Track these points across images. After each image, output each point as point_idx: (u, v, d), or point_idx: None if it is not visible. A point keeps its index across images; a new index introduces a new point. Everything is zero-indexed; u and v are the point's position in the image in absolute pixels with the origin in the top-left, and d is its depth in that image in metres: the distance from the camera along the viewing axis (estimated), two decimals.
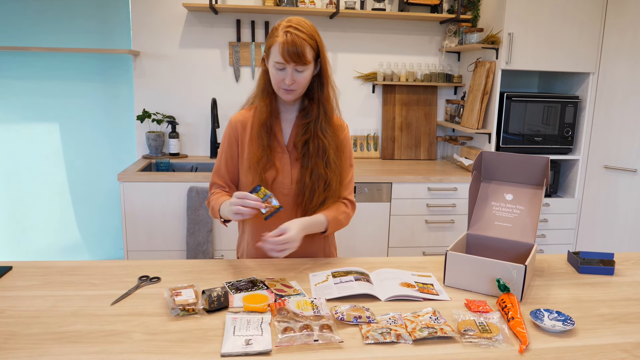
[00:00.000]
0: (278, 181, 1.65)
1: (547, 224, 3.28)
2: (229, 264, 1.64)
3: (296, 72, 1.56)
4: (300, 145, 1.64)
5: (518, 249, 1.57)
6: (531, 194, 1.62)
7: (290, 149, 1.67)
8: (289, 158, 1.67)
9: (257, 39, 3.47)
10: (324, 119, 1.63)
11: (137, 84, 3.43)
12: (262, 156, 1.62)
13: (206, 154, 3.56)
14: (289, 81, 1.56)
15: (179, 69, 3.45)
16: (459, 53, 3.68)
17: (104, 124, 3.53)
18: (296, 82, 1.57)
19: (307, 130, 1.63)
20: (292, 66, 1.54)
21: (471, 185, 1.65)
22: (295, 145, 1.66)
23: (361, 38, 3.57)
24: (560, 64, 3.13)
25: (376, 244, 3.13)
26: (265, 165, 1.63)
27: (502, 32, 3.04)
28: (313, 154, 1.62)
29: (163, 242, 2.97)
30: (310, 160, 1.63)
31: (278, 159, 1.65)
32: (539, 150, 3.25)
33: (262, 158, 1.62)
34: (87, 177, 3.58)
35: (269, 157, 1.63)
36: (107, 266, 1.58)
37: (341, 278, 1.48)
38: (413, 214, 3.14)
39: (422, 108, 3.69)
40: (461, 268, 1.45)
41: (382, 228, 3.12)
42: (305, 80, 1.58)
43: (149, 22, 3.38)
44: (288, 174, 1.66)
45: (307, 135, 1.63)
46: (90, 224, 3.65)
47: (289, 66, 1.54)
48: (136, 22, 3.37)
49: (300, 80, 1.57)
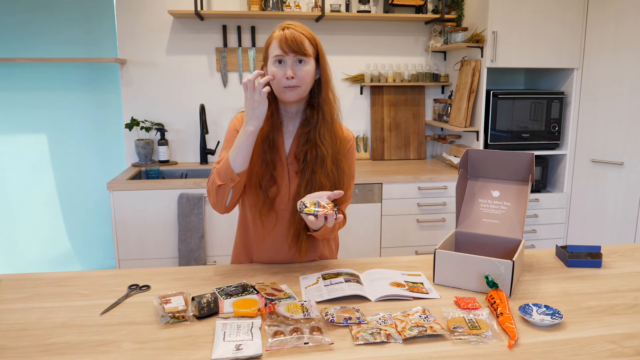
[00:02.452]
0: (278, 196, 1.62)
1: (538, 219, 3.29)
2: (220, 269, 1.63)
3: (297, 64, 1.51)
4: (301, 157, 1.59)
5: (506, 245, 1.58)
6: (517, 190, 1.63)
7: (289, 161, 1.62)
8: (287, 172, 1.62)
9: (243, 44, 3.47)
10: (322, 125, 1.58)
11: (125, 92, 3.42)
12: (265, 173, 1.58)
13: (196, 160, 3.55)
14: (290, 73, 1.49)
15: (166, 76, 3.45)
16: (445, 52, 3.69)
17: (92, 133, 3.51)
18: (297, 76, 1.51)
19: (307, 139, 1.59)
20: (292, 57, 1.50)
21: (458, 184, 1.66)
22: (297, 157, 1.60)
23: (348, 40, 3.58)
24: (544, 61, 3.16)
25: (368, 244, 3.14)
26: (269, 182, 1.58)
27: (486, 31, 3.06)
28: (311, 163, 1.57)
29: (155, 250, 2.95)
30: (307, 171, 1.58)
31: (279, 173, 1.61)
32: (526, 146, 3.27)
33: (265, 175, 1.58)
34: (76, 187, 3.56)
35: (272, 173, 1.59)
36: (97, 276, 1.57)
37: (331, 280, 1.48)
38: (404, 213, 3.14)
39: (410, 108, 3.70)
40: (450, 266, 1.46)
41: (374, 228, 3.13)
42: (307, 76, 1.53)
43: (135, 30, 3.37)
44: (287, 188, 1.62)
45: (308, 145, 1.58)
46: (81, 234, 3.63)
47: (289, 58, 1.50)
48: (122, 31, 3.36)
49: (302, 75, 1.51)
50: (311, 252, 1.71)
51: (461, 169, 1.68)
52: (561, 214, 3.32)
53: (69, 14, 3.34)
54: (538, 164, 3.35)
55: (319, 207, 1.39)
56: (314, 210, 1.39)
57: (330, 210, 1.39)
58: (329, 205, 1.40)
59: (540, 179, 3.38)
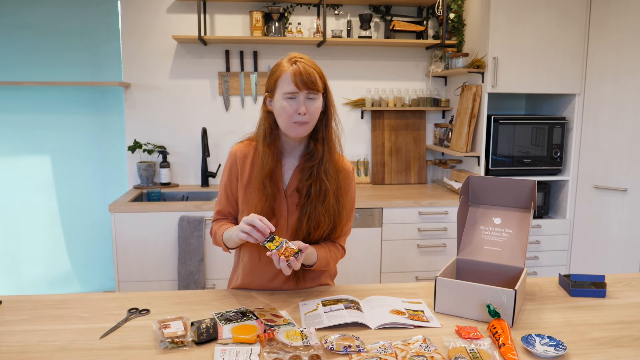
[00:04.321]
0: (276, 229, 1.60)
1: (540, 245, 3.28)
2: (219, 294, 1.63)
3: (308, 100, 1.52)
4: (304, 192, 1.58)
5: (508, 273, 1.57)
6: (519, 217, 1.62)
7: (288, 194, 1.62)
8: (286, 204, 1.61)
9: (245, 68, 3.51)
10: (327, 160, 1.58)
11: (128, 115, 3.45)
12: (264, 207, 1.57)
13: (197, 183, 3.56)
14: (303, 110, 1.49)
15: (169, 100, 3.47)
16: (446, 77, 3.72)
17: (95, 155, 3.53)
18: (309, 112, 1.52)
19: (311, 174, 1.58)
20: (304, 94, 1.50)
21: (459, 210, 1.65)
22: (299, 191, 1.59)
23: (349, 65, 3.62)
24: (545, 86, 3.18)
25: (368, 269, 3.12)
26: (268, 214, 1.58)
27: (487, 57, 3.09)
28: (313, 198, 1.57)
29: (154, 272, 2.94)
30: (309, 205, 1.57)
31: (277, 205, 1.60)
32: (528, 171, 3.27)
33: (265, 206, 1.57)
34: (78, 208, 3.56)
35: (271, 205, 1.58)
36: (97, 299, 1.57)
37: (331, 306, 1.47)
38: (405, 238, 3.13)
39: (411, 132, 3.72)
40: (451, 294, 1.45)
41: (374, 253, 3.11)
42: (317, 112, 1.54)
43: (139, 54, 3.41)
44: (285, 220, 1.61)
45: (311, 180, 1.57)
46: (82, 255, 3.62)
47: (302, 94, 1.50)
48: (127, 55, 3.40)
49: (313, 111, 1.52)
50: (309, 281, 1.70)
51: (462, 195, 1.67)
52: (564, 241, 3.31)
53: (75, 38, 3.39)
54: (540, 189, 3.34)
55: (283, 248, 1.42)
56: (273, 247, 1.42)
57: (288, 257, 1.40)
58: (291, 250, 1.42)
59: (543, 205, 3.37)
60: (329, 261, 1.64)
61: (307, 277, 1.68)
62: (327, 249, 1.64)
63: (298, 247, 1.44)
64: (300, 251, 1.44)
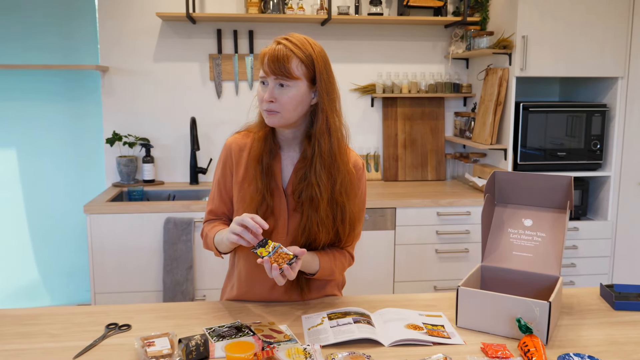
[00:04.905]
0: (275, 231, 1.60)
1: (577, 251, 3.27)
2: (211, 306, 1.63)
3: (279, 87, 1.50)
4: (297, 195, 1.58)
5: (541, 283, 1.56)
6: (553, 218, 1.62)
7: (289, 193, 1.61)
8: (286, 204, 1.61)
9: (240, 50, 3.50)
10: (318, 162, 1.54)
11: (106, 103, 3.45)
12: (262, 202, 1.57)
13: (185, 180, 3.56)
14: (267, 97, 1.50)
15: (153, 86, 3.47)
16: (467, 60, 3.71)
17: (68, 149, 3.53)
18: (278, 100, 1.50)
19: (304, 176, 1.57)
20: (273, 79, 1.50)
21: (484, 210, 1.65)
22: (294, 192, 1.59)
23: (357, 46, 3.61)
24: (583, 69, 3.16)
25: (380, 277, 3.12)
26: (265, 212, 1.57)
27: (515, 35, 3.08)
28: (306, 205, 1.56)
29: (136, 282, 2.94)
30: (304, 213, 1.56)
31: (276, 204, 1.60)
32: (563, 166, 3.26)
33: (262, 205, 1.57)
34: (48, 210, 3.57)
35: (269, 203, 1.58)
36: (70, 313, 1.57)
37: (338, 320, 1.47)
38: (421, 242, 3.13)
39: (428, 122, 3.71)
40: (476, 306, 1.44)
41: (386, 260, 3.11)
42: (290, 101, 1.50)
43: (118, 34, 3.41)
44: (285, 223, 1.61)
45: (304, 183, 1.56)
46: (52, 263, 3.62)
47: (270, 79, 1.51)
48: (104, 35, 3.40)
49: (284, 101, 1.50)
50: (314, 292, 1.70)
51: (487, 193, 1.67)
52: (605, 246, 3.29)
53: (44, 16, 3.39)
54: (577, 187, 3.33)
55: (276, 254, 1.40)
56: (265, 254, 1.41)
57: (282, 264, 1.39)
58: (286, 257, 1.41)
59: (580, 205, 3.36)
60: (334, 270, 1.63)
61: (312, 286, 1.68)
62: (331, 256, 1.63)
63: (294, 252, 1.43)
64: (297, 257, 1.42)
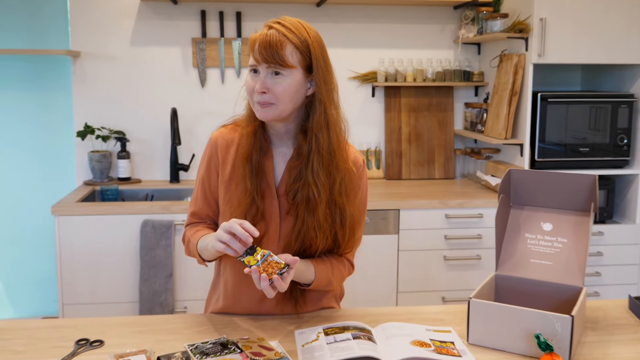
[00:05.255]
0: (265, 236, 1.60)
1: (602, 258, 3.27)
2: (194, 320, 1.63)
3: (271, 76, 1.50)
4: (292, 196, 1.57)
5: (562, 294, 1.56)
6: (576, 222, 1.62)
7: (281, 193, 1.61)
8: (278, 206, 1.61)
9: (226, 33, 3.49)
10: (316, 159, 1.54)
11: (77, 91, 3.44)
12: (251, 205, 1.56)
13: (165, 178, 3.55)
14: (259, 87, 1.49)
15: (129, 73, 3.47)
16: (479, 45, 3.72)
17: (34, 143, 3.52)
18: (271, 91, 1.49)
19: (299, 175, 1.56)
20: (265, 67, 1.50)
21: (498, 213, 1.65)
22: (287, 193, 1.59)
23: (356, 29, 3.60)
24: (607, 55, 3.16)
25: (381, 287, 3.12)
26: (255, 216, 1.57)
27: (532, 18, 3.08)
28: (301, 207, 1.56)
29: (109, 292, 2.94)
30: (299, 216, 1.56)
31: (267, 207, 1.59)
32: (586, 164, 3.27)
33: (252, 207, 1.56)
34: (11, 211, 3.56)
35: (259, 206, 1.57)
36: (35, 327, 1.56)
37: (336, 336, 1.47)
38: (428, 248, 3.13)
39: (435, 114, 3.71)
40: (489, 320, 1.44)
41: (388, 267, 3.11)
42: (284, 92, 1.50)
43: (91, 15, 3.40)
44: (277, 227, 1.60)
45: (300, 183, 1.56)
46: (16, 270, 3.61)
47: (262, 68, 1.50)
48: (76, 16, 3.39)
49: (279, 91, 1.49)
50: (310, 304, 1.69)
51: (502, 194, 1.67)
52: (634, 252, 3.30)
53: None
54: (602, 186, 3.34)
55: (265, 264, 1.40)
56: (254, 262, 1.40)
57: (272, 274, 1.38)
58: (276, 265, 1.40)
59: (605, 206, 3.36)
60: (331, 280, 1.63)
61: (307, 298, 1.67)
62: (328, 265, 1.63)
63: (285, 261, 1.42)
64: (288, 266, 1.42)
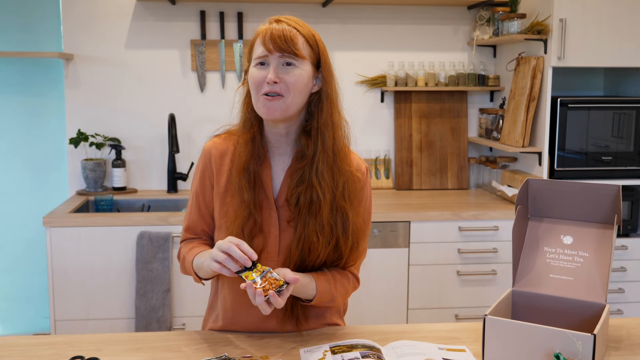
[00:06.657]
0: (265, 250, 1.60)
1: (626, 273, 3.26)
2: (192, 337, 1.63)
3: (283, 66, 1.50)
4: (294, 202, 1.57)
5: (583, 312, 1.56)
6: (598, 235, 1.61)
7: (280, 204, 1.61)
8: (277, 218, 1.61)
9: (227, 35, 3.51)
10: (322, 159, 1.55)
11: (70, 96, 3.45)
12: (249, 218, 1.56)
13: (162, 188, 3.56)
14: (271, 77, 1.48)
15: (125, 77, 3.48)
16: (495, 47, 3.72)
17: (25, 150, 3.53)
18: (282, 81, 1.49)
19: (301, 177, 1.57)
20: (276, 58, 1.49)
21: (515, 225, 1.64)
22: (288, 201, 1.59)
23: (365, 31, 3.62)
24: (631, 58, 3.16)
25: (391, 304, 3.12)
26: (252, 229, 1.57)
27: (552, 18, 3.08)
28: (303, 210, 1.56)
29: (104, 308, 2.94)
30: (300, 221, 1.56)
31: (265, 219, 1.60)
32: (608, 173, 3.26)
33: (249, 220, 1.56)
34: (1, 223, 3.56)
35: (257, 219, 1.57)
36: (27, 344, 1.57)
37: (343, 355, 1.47)
38: (440, 262, 3.12)
39: (448, 121, 3.71)
40: (506, 339, 1.43)
41: (399, 283, 3.11)
42: (296, 82, 1.50)
43: (85, 16, 3.41)
44: (276, 240, 1.61)
45: (302, 186, 1.56)
46: (6, 285, 3.62)
47: (273, 58, 1.49)
48: (68, 17, 3.40)
49: (291, 81, 1.49)
50: (312, 321, 1.69)
51: (519, 205, 1.66)
52: None
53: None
54: (625, 198, 3.33)
55: (263, 280, 1.41)
56: (252, 278, 1.41)
57: (268, 291, 1.39)
58: (274, 282, 1.41)
59: (629, 219, 3.35)
60: (334, 295, 1.62)
61: (309, 314, 1.67)
62: (330, 278, 1.62)
63: (285, 278, 1.43)
64: (287, 284, 1.42)
